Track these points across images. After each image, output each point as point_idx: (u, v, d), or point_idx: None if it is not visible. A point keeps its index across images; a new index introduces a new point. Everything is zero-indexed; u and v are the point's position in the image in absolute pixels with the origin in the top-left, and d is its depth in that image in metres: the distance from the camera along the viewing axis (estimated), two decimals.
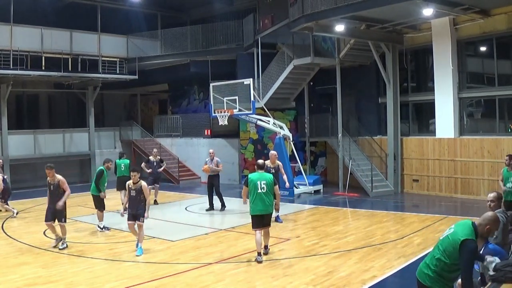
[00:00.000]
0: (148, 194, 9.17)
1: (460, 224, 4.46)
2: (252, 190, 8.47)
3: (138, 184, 9.01)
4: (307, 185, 16.84)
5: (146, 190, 9.03)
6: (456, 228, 4.43)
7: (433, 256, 4.47)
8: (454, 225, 4.49)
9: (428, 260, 4.52)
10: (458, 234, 4.32)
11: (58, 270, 7.97)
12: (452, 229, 4.45)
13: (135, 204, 8.99)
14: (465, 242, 4.24)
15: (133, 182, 9.02)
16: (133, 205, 9.02)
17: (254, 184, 8.46)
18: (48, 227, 9.71)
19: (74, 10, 20.90)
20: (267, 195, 8.47)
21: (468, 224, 4.40)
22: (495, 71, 14.74)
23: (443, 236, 4.51)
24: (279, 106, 19.57)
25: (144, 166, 15.24)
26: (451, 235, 4.39)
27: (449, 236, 4.41)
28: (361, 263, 8.12)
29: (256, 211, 8.45)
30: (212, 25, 21.39)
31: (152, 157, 15.48)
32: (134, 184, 9.03)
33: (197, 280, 7.39)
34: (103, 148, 22.77)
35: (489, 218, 4.40)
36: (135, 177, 9.00)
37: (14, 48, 18.03)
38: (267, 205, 8.48)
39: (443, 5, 13.03)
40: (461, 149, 14.99)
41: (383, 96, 17.27)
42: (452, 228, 4.48)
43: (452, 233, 4.40)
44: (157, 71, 22.97)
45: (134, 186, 9.03)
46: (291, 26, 15.56)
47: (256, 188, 8.44)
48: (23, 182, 18.72)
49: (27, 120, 23.27)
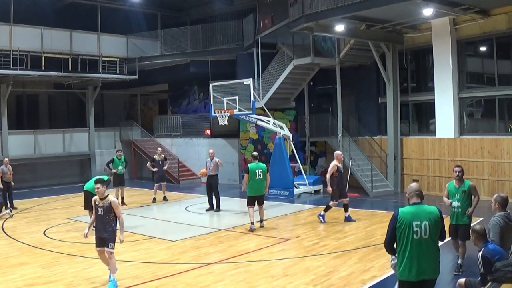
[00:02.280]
0: (120, 211, 7.12)
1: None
2: (252, 176, 10.92)
3: (107, 200, 7.01)
4: (307, 185, 16.83)
5: (117, 207, 7.05)
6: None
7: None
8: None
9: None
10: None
11: (58, 270, 7.98)
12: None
13: (103, 225, 7.03)
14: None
15: (100, 198, 7.03)
16: (100, 227, 7.06)
17: (254, 172, 10.94)
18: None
19: (74, 10, 20.92)
20: (262, 181, 11.04)
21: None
22: (495, 71, 14.73)
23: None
24: (279, 106, 19.57)
25: (149, 165, 15.88)
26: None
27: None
28: (361, 263, 8.12)
29: (253, 192, 10.97)
30: (212, 25, 21.39)
31: (157, 156, 15.94)
32: (101, 200, 7.02)
33: (197, 280, 7.39)
34: (103, 148, 22.78)
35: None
36: (100, 190, 6.99)
37: (14, 48, 18.04)
38: (262, 188, 11.09)
39: (443, 5, 13.02)
40: (461, 149, 14.99)
41: (383, 96, 17.28)
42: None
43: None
44: (157, 71, 22.97)
45: (101, 203, 7.03)
46: (291, 26, 15.56)
47: (255, 175, 10.93)
48: (23, 182, 18.71)
49: (27, 120, 23.27)
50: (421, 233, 4.52)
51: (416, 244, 4.53)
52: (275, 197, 15.84)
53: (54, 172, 21.38)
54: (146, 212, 13.95)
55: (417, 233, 4.53)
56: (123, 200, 14.95)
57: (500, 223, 5.94)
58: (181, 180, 20.79)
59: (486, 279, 5.19)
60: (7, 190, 14.00)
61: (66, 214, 13.63)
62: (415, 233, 4.53)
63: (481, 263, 5.26)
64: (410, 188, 4.78)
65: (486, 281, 5.20)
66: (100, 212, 7.00)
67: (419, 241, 4.53)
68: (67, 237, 10.50)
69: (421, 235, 4.53)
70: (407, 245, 4.55)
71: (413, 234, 4.53)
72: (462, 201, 7.48)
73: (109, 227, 7.02)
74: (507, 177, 13.83)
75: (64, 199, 16.93)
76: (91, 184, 10.87)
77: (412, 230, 4.53)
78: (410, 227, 4.53)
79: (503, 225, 5.93)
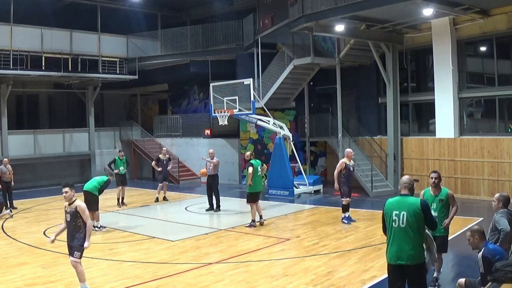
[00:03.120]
0: (88, 216, 6.71)
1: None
2: (254, 172, 11.23)
3: (73, 205, 6.61)
4: (307, 185, 16.83)
5: (83, 212, 6.62)
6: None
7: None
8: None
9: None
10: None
11: (58, 270, 7.98)
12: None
13: (70, 231, 6.62)
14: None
15: (68, 203, 6.67)
16: (68, 234, 6.65)
17: (255, 168, 11.32)
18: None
19: (74, 10, 20.92)
20: (262, 177, 11.66)
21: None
22: (495, 71, 14.74)
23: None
24: (279, 106, 19.57)
25: (154, 164, 16.07)
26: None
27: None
28: (361, 263, 8.12)
29: (255, 189, 11.30)
30: (212, 25, 21.38)
31: (162, 156, 16.09)
32: (69, 206, 6.65)
33: (197, 280, 7.38)
34: (103, 148, 22.78)
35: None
36: (67, 195, 6.64)
37: (14, 48, 18.03)
38: (261, 185, 11.69)
39: (443, 5, 13.02)
40: (461, 149, 14.99)
41: (383, 96, 17.28)
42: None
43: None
44: (157, 71, 22.97)
45: (68, 208, 6.65)
46: (291, 26, 15.56)
47: (256, 172, 11.33)
48: (23, 182, 18.70)
49: (27, 120, 23.26)
50: (399, 222, 4.96)
51: (395, 231, 5.01)
52: (275, 197, 15.84)
53: (54, 172, 21.37)
54: (146, 212, 13.94)
55: (395, 221, 4.99)
56: (123, 200, 14.96)
57: (505, 216, 5.90)
58: (181, 180, 20.80)
59: (486, 279, 5.19)
60: (6, 190, 13.99)
61: None
62: (394, 222, 5.01)
63: (482, 263, 5.26)
64: (401, 181, 5.28)
65: (486, 281, 5.20)
66: (68, 218, 6.62)
67: (397, 229, 4.99)
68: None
69: (399, 223, 4.97)
70: (389, 232, 5.08)
71: (392, 222, 5.02)
72: (439, 211, 6.68)
73: (77, 234, 6.57)
74: (507, 177, 13.82)
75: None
76: (91, 185, 10.95)
77: (392, 218, 5.02)
78: (391, 216, 5.03)
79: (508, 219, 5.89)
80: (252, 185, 11.21)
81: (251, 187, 11.22)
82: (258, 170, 11.40)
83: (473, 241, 5.48)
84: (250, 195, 11.28)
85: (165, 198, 15.98)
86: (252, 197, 11.27)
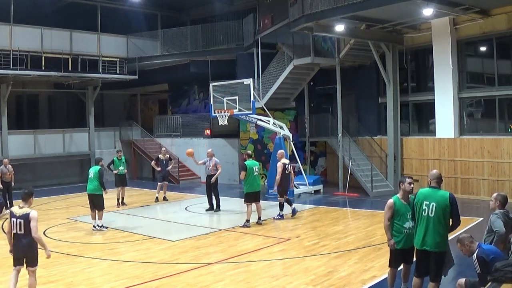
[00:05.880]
0: (37, 227, 6.15)
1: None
2: (249, 173, 11.21)
3: (24, 213, 6.11)
4: (307, 185, 16.83)
5: (33, 221, 6.07)
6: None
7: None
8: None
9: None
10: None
11: (58, 270, 7.97)
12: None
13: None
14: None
15: (19, 207, 6.16)
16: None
17: (251, 168, 11.26)
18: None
19: (74, 10, 20.91)
20: (259, 177, 11.64)
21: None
22: (495, 71, 14.73)
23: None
24: (279, 106, 19.57)
25: (154, 164, 16.14)
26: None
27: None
28: (361, 263, 8.13)
29: (251, 189, 11.26)
30: (212, 25, 21.37)
31: (162, 155, 16.13)
32: (19, 212, 6.12)
33: (197, 280, 7.39)
34: (103, 148, 22.77)
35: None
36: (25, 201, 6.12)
37: (14, 48, 18.03)
38: (259, 185, 11.56)
39: (443, 5, 13.02)
40: (461, 149, 14.99)
41: (383, 96, 17.27)
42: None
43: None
44: (157, 71, 22.96)
45: (19, 213, 6.12)
46: (291, 26, 15.55)
47: (252, 172, 11.27)
48: (23, 182, 18.65)
49: (27, 120, 23.27)
50: (428, 211, 5.52)
51: (423, 219, 5.57)
52: (275, 197, 15.81)
53: (54, 172, 21.38)
54: (146, 212, 13.94)
55: (425, 211, 5.55)
56: (123, 200, 14.96)
57: (500, 217, 5.91)
58: (181, 180, 20.79)
59: (486, 279, 5.19)
60: (7, 190, 14.01)
61: (66, 214, 13.65)
62: (424, 211, 5.57)
63: (477, 263, 5.29)
64: (431, 175, 5.78)
65: (486, 281, 5.21)
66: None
67: (426, 218, 5.54)
68: (67, 237, 10.50)
69: (428, 213, 5.52)
70: (419, 220, 5.65)
71: (422, 211, 5.59)
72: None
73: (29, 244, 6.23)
74: (507, 177, 13.82)
75: (64, 199, 16.94)
76: (92, 185, 11.10)
77: (422, 208, 5.59)
78: (422, 205, 5.60)
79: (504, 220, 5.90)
80: (248, 185, 11.26)
81: (248, 187, 11.28)
82: (254, 170, 11.36)
83: (465, 249, 5.49)
84: (247, 195, 11.35)
85: (165, 198, 15.99)
86: (248, 197, 11.32)
